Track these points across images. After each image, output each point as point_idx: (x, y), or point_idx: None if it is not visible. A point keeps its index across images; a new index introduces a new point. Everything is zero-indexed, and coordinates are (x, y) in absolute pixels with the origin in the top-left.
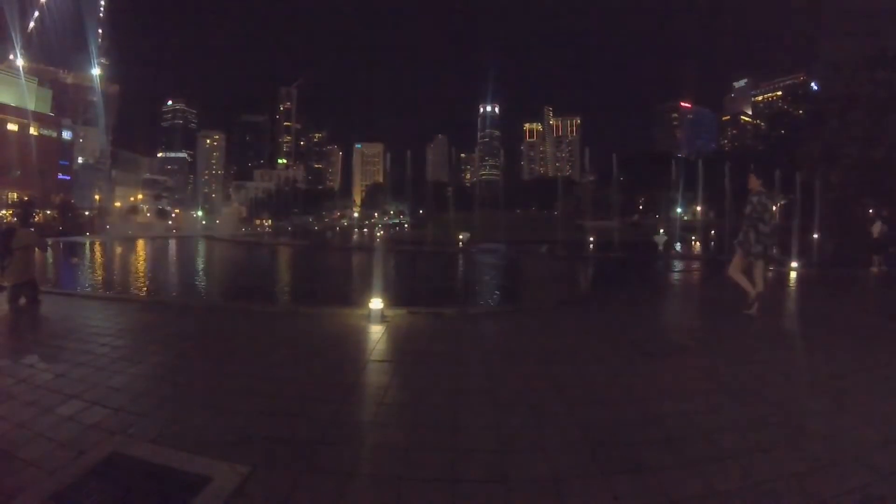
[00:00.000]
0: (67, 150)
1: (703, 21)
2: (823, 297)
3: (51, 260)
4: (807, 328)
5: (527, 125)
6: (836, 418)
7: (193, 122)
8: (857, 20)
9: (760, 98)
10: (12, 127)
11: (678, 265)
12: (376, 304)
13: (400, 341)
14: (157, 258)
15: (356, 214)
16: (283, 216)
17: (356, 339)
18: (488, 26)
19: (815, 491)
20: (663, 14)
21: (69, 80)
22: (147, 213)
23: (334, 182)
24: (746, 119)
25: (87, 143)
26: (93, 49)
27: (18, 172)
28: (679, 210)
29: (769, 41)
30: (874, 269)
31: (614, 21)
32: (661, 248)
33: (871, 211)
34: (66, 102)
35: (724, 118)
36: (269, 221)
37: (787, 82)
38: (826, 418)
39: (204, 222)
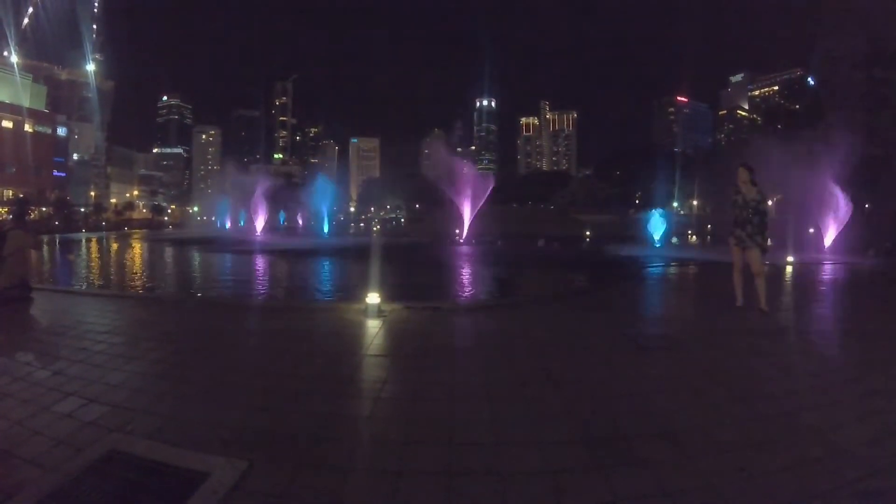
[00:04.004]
0: (62, 146)
1: (699, 15)
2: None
3: (46, 257)
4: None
5: (523, 119)
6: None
7: (189, 118)
8: (854, 18)
9: (757, 92)
10: (7, 124)
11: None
12: (373, 298)
13: (397, 336)
14: (157, 257)
15: (352, 209)
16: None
17: (353, 334)
18: (484, 19)
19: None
20: (659, 8)
21: (64, 76)
22: (143, 209)
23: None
24: (743, 113)
25: (83, 140)
26: (87, 45)
27: (13, 169)
28: (675, 203)
29: (766, 36)
30: None
31: (610, 14)
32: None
33: (867, 206)
34: (61, 99)
35: (720, 112)
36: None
37: (784, 77)
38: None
39: (203, 218)
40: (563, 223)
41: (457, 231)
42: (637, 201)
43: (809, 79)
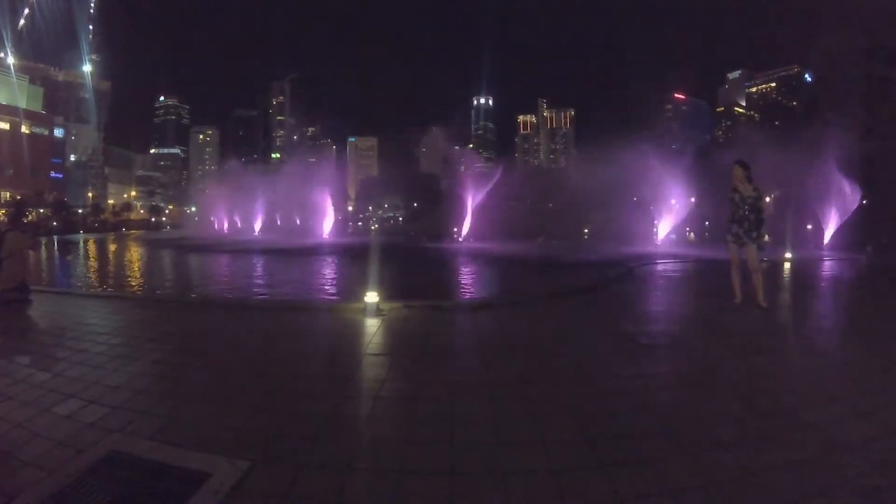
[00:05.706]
0: (59, 147)
1: (697, 12)
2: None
3: (45, 258)
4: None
5: (521, 117)
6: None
7: (186, 118)
8: (852, 15)
9: (755, 89)
10: (3, 125)
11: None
12: (372, 297)
13: (396, 335)
14: (156, 258)
15: (350, 208)
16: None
17: (352, 333)
18: (481, 16)
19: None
20: (658, 5)
21: (60, 77)
22: (141, 210)
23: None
24: (741, 111)
25: (80, 141)
26: (84, 46)
27: (11, 171)
28: (673, 201)
29: (764, 33)
30: None
31: (608, 12)
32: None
33: (864, 202)
34: (58, 100)
35: (718, 109)
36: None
37: (782, 74)
38: None
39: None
40: (562, 221)
41: (455, 230)
42: (635, 199)
43: (807, 75)
